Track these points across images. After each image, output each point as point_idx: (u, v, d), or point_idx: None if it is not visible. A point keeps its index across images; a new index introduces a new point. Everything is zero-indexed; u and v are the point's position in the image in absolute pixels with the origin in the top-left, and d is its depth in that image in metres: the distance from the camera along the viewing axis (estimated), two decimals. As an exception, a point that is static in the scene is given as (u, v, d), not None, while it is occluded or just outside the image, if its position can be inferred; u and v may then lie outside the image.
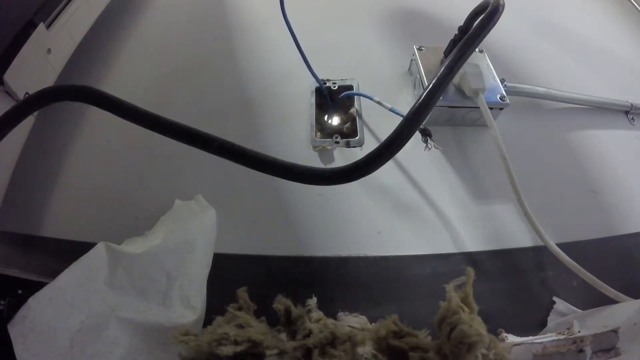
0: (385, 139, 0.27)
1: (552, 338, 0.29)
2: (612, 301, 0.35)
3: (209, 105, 0.54)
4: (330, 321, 0.29)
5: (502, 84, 0.48)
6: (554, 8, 0.69)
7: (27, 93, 0.44)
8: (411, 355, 0.26)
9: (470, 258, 0.40)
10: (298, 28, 0.43)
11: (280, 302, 0.29)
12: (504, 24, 0.35)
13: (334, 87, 0.54)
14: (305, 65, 0.47)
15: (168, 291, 0.33)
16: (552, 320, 0.36)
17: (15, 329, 0.26)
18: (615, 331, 0.27)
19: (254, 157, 0.29)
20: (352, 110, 0.53)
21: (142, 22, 0.66)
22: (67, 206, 0.45)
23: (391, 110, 0.46)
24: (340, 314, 0.35)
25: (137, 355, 0.29)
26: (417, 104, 0.28)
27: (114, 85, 0.57)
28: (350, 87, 0.54)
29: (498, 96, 0.47)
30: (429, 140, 0.44)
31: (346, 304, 0.36)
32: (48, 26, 0.48)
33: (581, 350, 0.27)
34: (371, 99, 0.49)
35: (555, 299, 0.37)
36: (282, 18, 0.43)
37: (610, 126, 0.52)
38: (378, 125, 0.50)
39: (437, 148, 0.43)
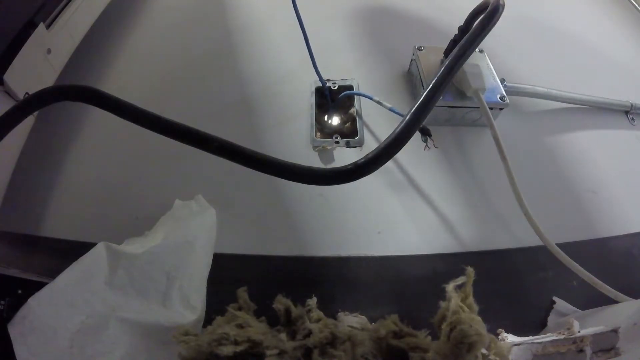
0: (386, 139, 0.27)
1: (552, 338, 0.29)
2: (612, 301, 0.35)
3: (209, 105, 0.54)
4: (330, 321, 0.29)
5: (502, 84, 0.48)
6: (554, 8, 0.69)
7: (27, 93, 0.44)
8: (411, 355, 0.26)
9: (470, 258, 0.40)
10: (298, 27, 0.43)
11: (280, 302, 0.29)
12: (504, 24, 0.35)
13: (334, 87, 0.54)
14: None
15: (168, 291, 0.33)
16: (552, 320, 0.36)
17: (15, 329, 0.26)
18: (615, 331, 0.27)
19: (254, 157, 0.29)
20: (352, 110, 0.53)
21: (142, 22, 0.66)
22: (67, 206, 0.45)
23: (391, 110, 0.46)
24: (340, 314, 0.35)
25: (137, 355, 0.29)
26: (417, 104, 0.28)
27: (114, 85, 0.57)
28: (350, 87, 0.54)
29: (498, 96, 0.47)
30: (428, 140, 0.44)
31: (346, 304, 0.36)
32: (48, 26, 0.48)
33: (581, 350, 0.27)
34: (371, 98, 0.49)
35: (555, 299, 0.37)
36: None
37: (610, 126, 0.52)
38: (378, 125, 0.50)
39: (436, 147, 0.43)
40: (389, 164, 0.37)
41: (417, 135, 0.45)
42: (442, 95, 0.33)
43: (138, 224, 0.39)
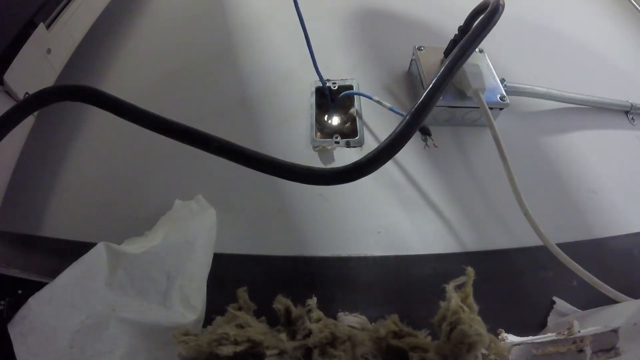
0: (386, 139, 0.27)
1: (552, 338, 0.29)
2: (612, 301, 0.35)
3: (208, 105, 0.54)
4: (330, 321, 0.29)
5: (502, 84, 0.48)
6: (554, 8, 0.69)
7: (27, 93, 0.44)
8: (411, 355, 0.26)
9: (470, 258, 0.40)
10: (298, 27, 0.43)
11: (280, 302, 0.29)
12: (504, 24, 0.35)
13: (334, 87, 0.54)
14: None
15: (168, 291, 0.33)
16: (552, 320, 0.36)
17: (15, 329, 0.26)
18: (615, 331, 0.27)
19: (254, 157, 0.29)
20: (352, 110, 0.53)
21: (142, 22, 0.66)
22: (67, 206, 0.45)
23: (391, 109, 0.46)
24: (340, 314, 0.35)
25: (137, 355, 0.29)
26: (417, 104, 0.28)
27: (114, 85, 0.57)
28: (350, 87, 0.54)
29: (498, 96, 0.47)
30: (428, 139, 0.44)
31: (346, 304, 0.36)
32: (48, 26, 0.48)
33: (581, 350, 0.27)
34: (371, 98, 0.49)
35: (555, 299, 0.37)
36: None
37: (610, 126, 0.52)
38: (378, 125, 0.50)
39: (436, 147, 0.43)
40: (389, 164, 0.37)
41: (417, 135, 0.45)
42: (442, 95, 0.33)
43: (138, 224, 0.39)
